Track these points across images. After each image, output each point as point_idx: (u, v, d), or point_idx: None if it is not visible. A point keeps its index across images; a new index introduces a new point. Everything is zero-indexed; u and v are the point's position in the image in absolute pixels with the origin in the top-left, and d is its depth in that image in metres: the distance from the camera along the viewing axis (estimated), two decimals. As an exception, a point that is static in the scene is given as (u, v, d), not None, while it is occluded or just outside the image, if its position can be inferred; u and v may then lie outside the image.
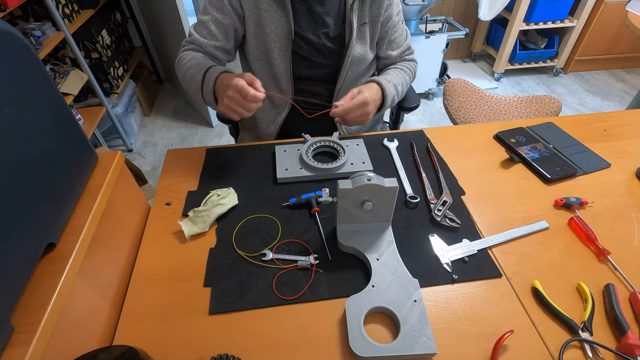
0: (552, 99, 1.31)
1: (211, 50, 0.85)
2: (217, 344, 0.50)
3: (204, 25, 0.84)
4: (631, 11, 1.66)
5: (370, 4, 0.86)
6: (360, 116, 0.79)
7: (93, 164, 0.61)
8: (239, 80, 0.66)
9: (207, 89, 0.75)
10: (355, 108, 0.77)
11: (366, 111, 0.79)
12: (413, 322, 0.50)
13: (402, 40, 0.97)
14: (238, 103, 0.67)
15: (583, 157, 0.78)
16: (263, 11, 0.81)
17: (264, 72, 0.90)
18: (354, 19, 0.83)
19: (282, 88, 0.91)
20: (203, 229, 0.64)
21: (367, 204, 0.57)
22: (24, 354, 0.38)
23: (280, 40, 0.84)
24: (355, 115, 0.78)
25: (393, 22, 0.92)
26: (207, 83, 0.75)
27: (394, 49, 0.96)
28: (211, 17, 0.83)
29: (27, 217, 0.43)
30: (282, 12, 0.81)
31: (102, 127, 2.13)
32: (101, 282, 0.54)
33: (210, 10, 0.83)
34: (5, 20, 1.12)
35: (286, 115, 0.95)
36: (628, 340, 0.47)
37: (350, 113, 0.77)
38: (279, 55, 0.86)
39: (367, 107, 0.79)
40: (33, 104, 0.47)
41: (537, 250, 0.61)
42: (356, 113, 0.78)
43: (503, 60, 2.64)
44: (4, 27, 0.43)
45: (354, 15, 0.83)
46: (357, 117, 0.79)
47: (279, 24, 0.82)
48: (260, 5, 0.81)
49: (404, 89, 0.95)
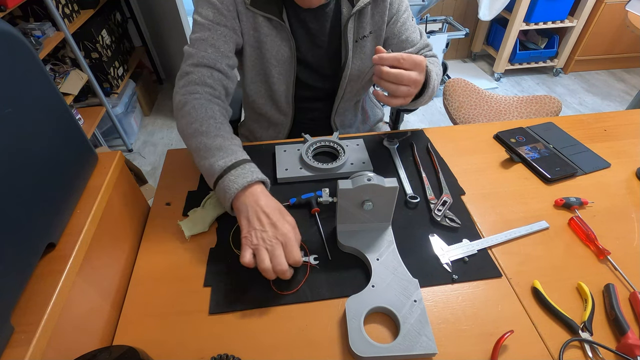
0: (552, 99, 1.31)
1: (224, 68, 0.73)
2: (217, 344, 0.50)
3: (207, 43, 0.72)
4: (631, 11, 1.66)
5: (371, 13, 0.79)
6: (408, 79, 0.59)
7: (93, 164, 0.61)
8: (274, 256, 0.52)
9: (222, 192, 0.59)
10: (408, 64, 0.59)
11: (417, 77, 0.60)
12: (413, 322, 0.50)
13: (415, 37, 0.85)
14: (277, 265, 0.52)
15: (583, 157, 0.78)
16: (263, 35, 0.77)
17: (261, 94, 0.88)
18: (350, 37, 0.80)
19: (281, 109, 0.90)
20: (203, 229, 0.64)
21: (367, 204, 0.57)
22: (24, 354, 0.38)
23: (280, 64, 0.81)
24: (405, 75, 0.59)
25: (402, 19, 0.82)
26: (227, 189, 0.57)
27: (407, 47, 0.84)
28: (214, 32, 0.72)
29: (27, 217, 0.43)
30: (283, 37, 0.78)
31: (102, 127, 2.14)
32: (101, 282, 0.54)
33: (210, 26, 0.72)
34: (5, 20, 1.12)
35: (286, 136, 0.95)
36: (628, 340, 0.47)
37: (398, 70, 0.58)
38: (278, 80, 0.83)
39: (419, 71, 0.60)
40: (33, 104, 0.47)
41: (537, 250, 0.61)
42: (406, 74, 0.59)
43: (503, 60, 2.64)
44: (4, 27, 0.43)
45: (350, 33, 0.79)
46: (405, 78, 0.59)
47: (279, 49, 0.79)
48: (259, 29, 0.76)
49: (438, 79, 0.76)
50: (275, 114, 0.92)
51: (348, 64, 0.83)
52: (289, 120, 0.92)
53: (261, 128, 0.98)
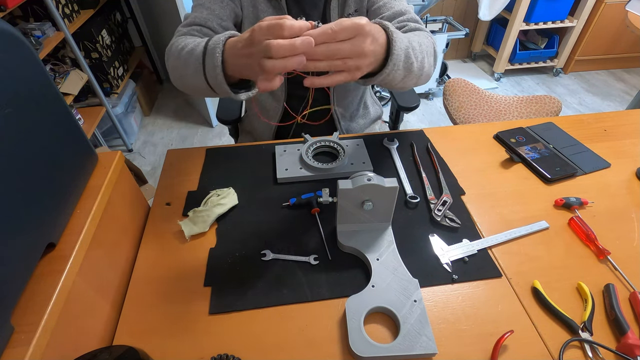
0: (552, 99, 1.31)
1: (216, 27, 0.73)
2: (217, 344, 0.50)
3: (203, 7, 0.74)
4: (631, 11, 1.66)
5: None
6: (350, 51, 0.46)
7: (93, 164, 0.61)
8: (261, 22, 0.46)
9: (211, 64, 0.53)
10: (345, 33, 0.45)
11: (360, 46, 0.46)
12: (413, 322, 0.50)
13: (397, 5, 0.77)
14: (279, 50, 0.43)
15: (583, 157, 0.78)
16: (260, 12, 0.80)
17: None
18: (334, 15, 0.81)
19: (274, 92, 0.90)
20: (203, 229, 0.64)
21: (367, 204, 0.57)
22: (24, 354, 0.38)
23: None
24: (340, 49, 0.45)
25: None
26: (211, 56, 0.54)
27: (383, 13, 0.76)
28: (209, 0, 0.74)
29: (27, 217, 0.43)
30: (278, 14, 0.79)
31: (102, 127, 2.14)
32: (101, 282, 0.54)
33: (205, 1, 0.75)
34: (5, 20, 1.12)
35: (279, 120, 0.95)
36: (628, 340, 0.47)
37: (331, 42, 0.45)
38: None
39: (362, 38, 0.46)
40: (33, 104, 0.47)
41: (537, 250, 0.61)
42: (341, 46, 0.45)
43: (503, 60, 2.64)
44: (4, 27, 0.43)
45: (334, 11, 0.80)
46: (341, 51, 0.45)
47: None
48: (257, 4, 0.80)
49: (423, 51, 0.64)
50: (268, 99, 0.93)
51: None
52: (280, 106, 0.93)
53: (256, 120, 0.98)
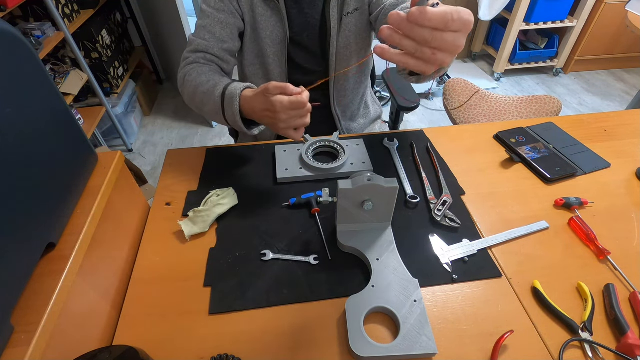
0: (552, 99, 1.31)
1: (218, 52, 0.78)
2: (217, 344, 0.50)
3: (205, 29, 0.78)
4: (631, 11, 1.66)
5: None
6: (450, 45, 0.39)
7: (93, 164, 0.61)
8: (282, 98, 0.56)
9: (230, 112, 0.66)
10: (458, 24, 0.38)
11: (460, 42, 0.40)
12: (413, 322, 0.50)
13: None
14: (299, 117, 0.59)
15: (583, 157, 0.78)
16: (258, 15, 0.80)
17: (259, 77, 0.90)
18: (334, 14, 0.80)
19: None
20: (203, 229, 0.64)
21: (367, 204, 0.57)
22: (24, 354, 0.38)
23: (275, 45, 0.83)
24: (444, 40, 0.38)
25: None
26: (230, 105, 0.66)
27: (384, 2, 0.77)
28: (213, 19, 0.78)
29: (27, 217, 0.43)
30: (277, 17, 0.80)
31: (102, 127, 2.14)
32: (101, 282, 0.54)
33: (210, 13, 0.78)
34: (5, 20, 1.12)
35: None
36: (628, 340, 0.47)
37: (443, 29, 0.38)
38: (274, 61, 0.85)
39: (464, 35, 0.40)
40: (33, 104, 0.47)
41: (537, 250, 0.61)
42: (446, 37, 0.38)
43: (503, 60, 2.64)
44: (4, 27, 0.43)
45: (333, 10, 0.80)
46: (443, 43, 0.39)
47: (274, 29, 0.81)
48: (255, 9, 0.80)
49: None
50: None
51: (332, 42, 0.84)
52: None
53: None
